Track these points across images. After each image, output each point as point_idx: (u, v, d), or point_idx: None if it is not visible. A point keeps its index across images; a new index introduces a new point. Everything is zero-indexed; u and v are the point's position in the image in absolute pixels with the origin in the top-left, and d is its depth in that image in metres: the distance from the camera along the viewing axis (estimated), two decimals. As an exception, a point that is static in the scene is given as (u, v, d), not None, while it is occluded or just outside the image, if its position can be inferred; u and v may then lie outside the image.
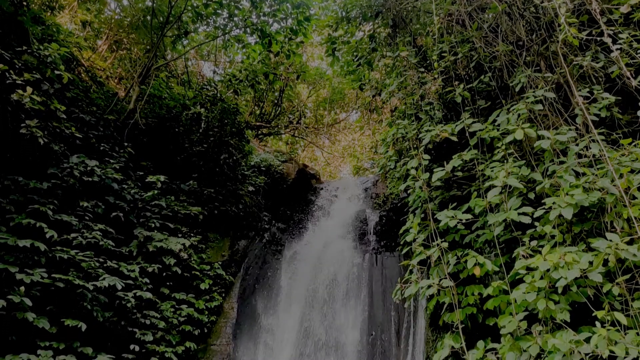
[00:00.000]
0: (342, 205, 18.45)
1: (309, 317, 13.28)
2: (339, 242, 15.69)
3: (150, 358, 10.48)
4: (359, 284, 13.89)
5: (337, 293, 13.79)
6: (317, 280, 14.27)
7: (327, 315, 13.27)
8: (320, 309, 13.39)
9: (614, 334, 5.42)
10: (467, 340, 7.80)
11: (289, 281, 14.62)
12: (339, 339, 12.61)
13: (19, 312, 8.59)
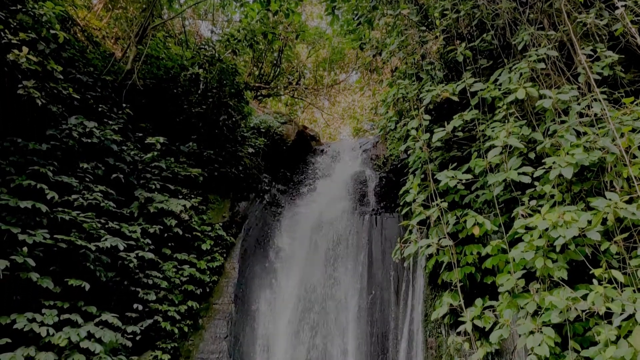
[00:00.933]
0: (341, 167, 18.46)
1: (310, 277, 13.46)
2: (338, 204, 15.76)
3: (154, 316, 10.66)
4: (359, 244, 14.02)
5: (337, 253, 13.94)
6: (317, 241, 14.40)
7: (327, 275, 13.44)
8: (320, 269, 13.55)
9: (611, 291, 5.50)
10: (466, 299, 7.93)
11: (289, 242, 14.76)
12: (339, 298, 12.80)
13: (22, 272, 8.69)
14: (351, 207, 15.62)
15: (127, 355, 10.09)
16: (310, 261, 13.96)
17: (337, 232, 14.53)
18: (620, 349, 5.15)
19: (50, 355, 8.51)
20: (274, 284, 13.56)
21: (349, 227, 14.70)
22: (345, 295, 12.86)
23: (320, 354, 11.83)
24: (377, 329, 11.86)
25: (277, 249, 14.60)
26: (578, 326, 6.49)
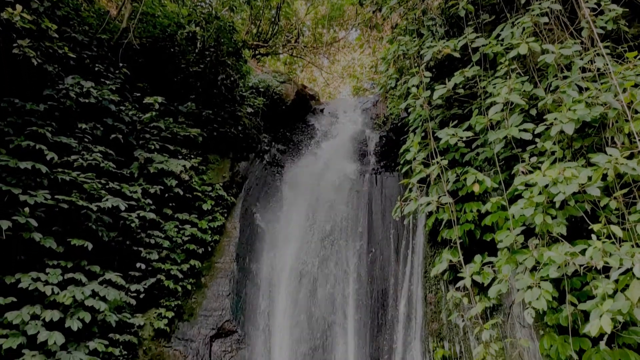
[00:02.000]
0: (341, 126, 18.37)
1: (310, 237, 13.56)
2: (338, 163, 15.75)
3: (157, 275, 10.80)
4: (359, 203, 14.08)
5: (337, 213, 14.01)
6: (317, 201, 14.45)
7: (327, 235, 13.54)
8: (320, 227, 13.64)
9: (609, 246, 5.54)
10: (465, 255, 8.02)
11: (289, 201, 14.81)
12: (339, 255, 12.94)
13: (25, 233, 8.75)
14: (351, 167, 15.62)
15: (131, 313, 10.27)
16: (310, 221, 14.05)
17: (337, 192, 14.57)
18: (617, 302, 5.23)
19: (55, 313, 8.65)
20: (275, 242, 13.67)
21: (348, 186, 14.73)
22: (345, 254, 12.99)
23: (321, 308, 12.03)
24: (377, 286, 12.03)
25: (277, 208, 14.67)
26: (576, 281, 6.58)
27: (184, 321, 11.05)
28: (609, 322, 5.10)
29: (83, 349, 9.02)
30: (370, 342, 11.25)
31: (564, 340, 6.58)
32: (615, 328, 5.68)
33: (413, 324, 10.38)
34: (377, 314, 11.60)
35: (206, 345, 10.81)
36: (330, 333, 11.68)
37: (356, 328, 11.64)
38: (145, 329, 10.43)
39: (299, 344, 11.62)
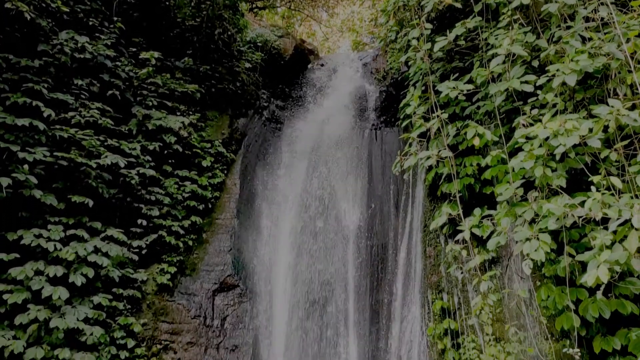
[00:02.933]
0: (341, 82, 18.15)
1: (310, 192, 13.60)
2: (338, 119, 15.64)
3: (158, 231, 10.87)
4: (359, 159, 14.07)
5: (337, 168, 14.01)
6: (317, 157, 14.43)
7: (327, 189, 13.57)
8: (320, 183, 13.67)
9: (609, 198, 5.54)
10: (464, 209, 8.05)
11: (289, 157, 14.79)
12: (339, 210, 13.01)
13: (25, 190, 8.77)
14: (351, 122, 15.52)
15: (134, 268, 10.41)
16: (310, 177, 14.06)
17: (336, 148, 14.53)
18: (615, 253, 5.27)
19: (59, 268, 8.76)
20: (275, 198, 13.73)
21: (348, 142, 14.68)
22: (345, 209, 13.06)
23: (322, 263, 12.18)
24: (376, 240, 12.14)
25: (277, 165, 14.66)
26: (574, 233, 6.63)
27: (186, 276, 11.20)
28: (606, 273, 5.16)
29: (87, 304, 9.18)
30: (370, 295, 11.44)
31: (561, 290, 6.67)
32: (612, 278, 5.77)
33: (412, 276, 10.53)
34: (377, 267, 11.75)
35: (209, 299, 10.99)
36: (330, 286, 11.86)
37: (356, 281, 11.82)
38: (149, 283, 10.58)
39: (300, 297, 11.81)
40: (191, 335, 10.53)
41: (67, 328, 8.52)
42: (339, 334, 11.43)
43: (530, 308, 7.56)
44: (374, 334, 11.02)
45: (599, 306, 6.38)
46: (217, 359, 10.47)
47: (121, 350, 9.61)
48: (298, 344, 11.34)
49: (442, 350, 8.76)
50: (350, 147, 14.45)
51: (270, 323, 11.63)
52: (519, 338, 7.73)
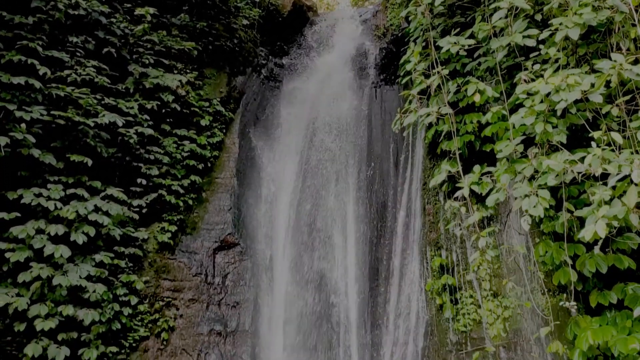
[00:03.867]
0: (340, 39, 17.85)
1: (310, 151, 13.56)
2: (337, 77, 15.47)
3: (158, 191, 10.88)
4: (358, 118, 13.98)
5: (336, 127, 13.93)
6: (316, 115, 14.33)
7: (327, 149, 13.53)
8: (319, 141, 13.61)
9: (609, 153, 5.53)
10: (464, 166, 8.02)
11: (288, 116, 14.68)
12: (339, 169, 13.00)
13: (24, 149, 8.74)
14: (350, 80, 15.35)
15: (134, 227, 10.47)
16: (310, 135, 13.99)
17: (336, 106, 14.41)
18: (614, 208, 5.29)
19: (60, 227, 8.81)
20: (274, 157, 13.70)
21: (348, 100, 14.55)
22: (345, 167, 13.05)
23: (322, 223, 12.25)
24: (376, 199, 12.18)
25: (276, 123, 14.57)
26: (573, 189, 6.64)
27: (187, 234, 11.28)
28: (604, 227, 5.18)
29: (89, 262, 9.27)
30: (370, 252, 11.55)
31: (559, 246, 6.74)
32: (610, 233, 5.80)
33: (411, 234, 10.61)
34: (377, 225, 11.83)
35: (209, 257, 11.10)
36: (330, 243, 11.96)
37: (356, 239, 11.91)
38: (150, 242, 10.67)
39: (300, 255, 11.93)
40: (193, 292, 10.68)
41: (69, 285, 8.62)
42: (338, 291, 11.59)
43: (528, 264, 7.65)
44: (374, 290, 11.17)
45: (596, 261, 6.45)
46: (219, 315, 10.65)
47: (124, 307, 9.77)
48: (298, 302, 11.50)
49: (441, 306, 8.90)
50: (350, 105, 14.33)
51: (271, 280, 11.78)
52: (516, 293, 7.85)
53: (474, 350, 7.92)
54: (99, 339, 9.28)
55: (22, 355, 8.52)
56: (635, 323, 6.30)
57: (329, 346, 11.05)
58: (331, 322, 11.31)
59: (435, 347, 8.77)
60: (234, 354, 10.41)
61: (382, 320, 10.72)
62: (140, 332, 9.95)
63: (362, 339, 10.97)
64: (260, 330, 11.05)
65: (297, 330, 11.18)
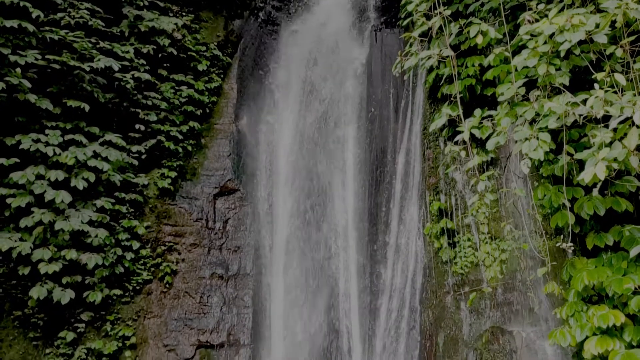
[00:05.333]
0: (339, -20, 17.34)
1: (309, 96, 13.42)
2: (337, 20, 15.10)
3: (157, 137, 10.85)
4: (358, 62, 13.75)
5: (335, 72, 13.73)
6: (315, 59, 14.09)
7: (326, 95, 13.38)
8: (318, 86, 13.45)
9: (611, 95, 5.46)
10: (465, 111, 7.93)
11: (287, 61, 14.44)
12: (338, 115, 12.91)
13: (20, 94, 8.65)
14: (350, 24, 15.01)
15: (134, 173, 10.50)
16: (309, 81, 13.80)
17: (335, 51, 14.15)
18: (614, 150, 5.27)
19: (60, 173, 8.82)
20: (273, 103, 13.57)
21: (347, 44, 14.28)
22: (344, 113, 12.95)
23: (322, 169, 12.26)
24: (376, 145, 12.13)
25: (274, 68, 14.35)
26: (574, 132, 6.61)
27: (187, 180, 11.32)
28: (603, 170, 5.17)
29: (91, 207, 9.34)
30: (369, 198, 11.62)
31: (558, 189, 6.75)
32: (609, 176, 5.80)
33: (411, 179, 10.64)
34: (376, 171, 11.84)
35: (210, 203, 11.18)
36: (330, 189, 12.02)
37: (355, 185, 11.97)
38: (150, 188, 10.71)
39: (300, 200, 12.00)
40: (194, 237, 10.82)
41: (72, 230, 8.72)
42: (338, 236, 11.74)
43: (526, 207, 7.71)
44: (373, 235, 11.30)
45: (594, 204, 6.48)
46: (220, 259, 10.83)
47: (127, 251, 9.92)
48: (298, 244, 11.66)
49: (439, 249, 9.03)
50: (350, 49, 14.07)
51: (272, 225, 11.90)
52: (514, 236, 7.95)
53: (471, 291, 8.09)
54: (103, 282, 9.48)
55: (28, 297, 8.73)
56: (630, 264, 6.39)
57: (329, 290, 11.29)
58: (331, 266, 11.52)
59: (433, 288, 8.96)
60: (235, 296, 10.65)
61: (381, 264, 10.90)
62: (143, 276, 10.14)
63: (361, 283, 11.19)
64: (261, 274, 11.26)
65: (298, 275, 11.39)
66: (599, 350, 6.23)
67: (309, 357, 10.80)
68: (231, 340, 10.34)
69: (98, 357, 9.41)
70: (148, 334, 10.03)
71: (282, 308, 11.21)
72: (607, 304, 6.55)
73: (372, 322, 10.60)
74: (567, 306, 6.81)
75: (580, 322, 6.58)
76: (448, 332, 8.42)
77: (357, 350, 10.61)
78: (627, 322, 6.26)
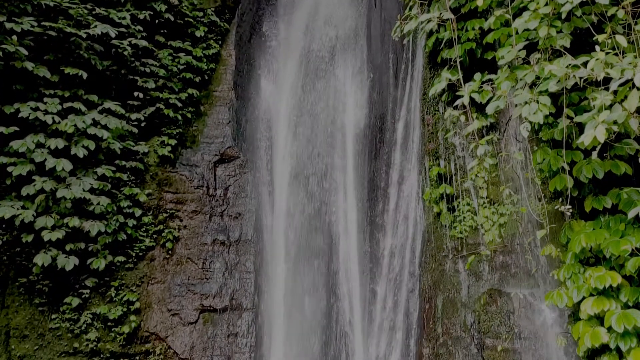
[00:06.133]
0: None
1: (308, 63, 13.31)
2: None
3: (156, 104, 10.80)
4: (357, 28, 13.59)
5: (334, 37, 13.57)
6: (315, 25, 13.93)
7: (325, 60, 13.27)
8: (317, 52, 13.32)
9: (612, 58, 5.44)
10: (464, 75, 7.91)
11: (285, 26, 14.28)
12: (338, 81, 12.84)
13: (17, 62, 8.58)
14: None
15: (134, 141, 10.50)
16: (307, 47, 13.67)
17: (333, 15, 13.97)
18: (614, 113, 5.29)
19: (59, 141, 8.83)
20: (272, 69, 13.48)
21: (346, 10, 14.09)
22: (343, 80, 12.87)
23: (321, 135, 12.25)
24: (375, 111, 12.11)
25: (273, 34, 14.20)
26: (574, 95, 6.61)
27: (187, 148, 11.32)
28: (603, 133, 5.19)
29: (91, 175, 9.37)
30: (369, 164, 11.66)
31: (557, 153, 6.79)
32: (609, 139, 5.83)
33: (410, 145, 10.65)
34: (376, 137, 11.85)
35: (210, 170, 11.21)
36: (330, 155, 12.04)
37: (354, 151, 11.98)
38: (150, 155, 10.72)
39: (300, 166, 12.03)
40: (195, 204, 10.89)
41: (73, 198, 8.77)
42: (338, 201, 11.81)
43: (525, 171, 7.74)
44: (373, 200, 11.39)
45: (593, 167, 6.53)
46: (222, 226, 10.92)
47: (129, 218, 10.00)
48: (298, 212, 11.74)
49: (438, 214, 9.10)
50: (348, 15, 13.89)
51: (272, 192, 11.97)
52: (513, 200, 8.00)
53: (469, 255, 8.19)
54: (106, 249, 9.59)
55: (32, 264, 8.84)
56: (628, 226, 6.47)
57: (330, 255, 11.42)
58: (331, 231, 11.63)
59: (432, 252, 9.06)
60: (237, 262, 10.78)
61: (380, 229, 11.01)
62: (145, 243, 10.25)
63: (361, 248, 11.32)
64: (262, 240, 11.38)
65: (298, 238, 11.51)
66: (595, 311, 6.36)
67: (310, 319, 10.99)
68: (234, 304, 10.52)
69: (104, 322, 9.59)
70: (152, 299, 10.19)
71: (283, 273, 11.36)
72: (604, 265, 6.66)
73: (372, 285, 10.78)
74: (565, 268, 6.92)
75: (577, 284, 6.69)
76: (447, 294, 8.55)
77: (358, 313, 10.81)
78: (624, 283, 6.38)
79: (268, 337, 10.92)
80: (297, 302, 11.19)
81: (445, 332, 8.43)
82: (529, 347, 7.50)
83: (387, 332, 10.03)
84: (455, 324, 8.33)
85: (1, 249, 8.96)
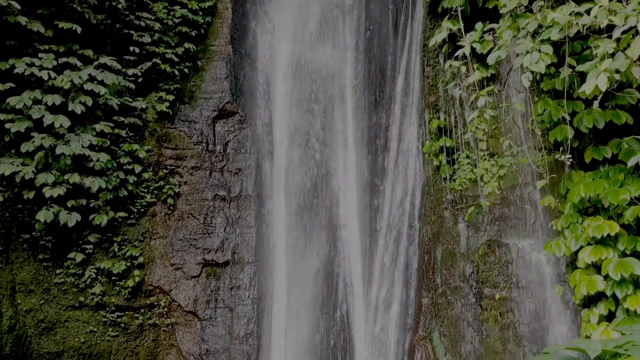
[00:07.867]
0: None
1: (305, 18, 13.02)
2: None
3: (152, 59, 10.65)
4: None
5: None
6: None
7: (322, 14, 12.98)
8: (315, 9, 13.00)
9: (616, 5, 5.34)
10: (465, 25, 7.78)
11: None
12: (337, 35, 12.61)
13: (9, 17, 8.41)
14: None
15: (132, 97, 10.40)
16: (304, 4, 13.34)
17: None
18: (616, 61, 5.22)
19: (56, 97, 8.76)
20: (269, 21, 13.20)
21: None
22: (342, 32, 12.65)
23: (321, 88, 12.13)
24: (375, 64, 11.95)
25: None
26: (576, 44, 6.52)
27: (185, 104, 11.23)
28: (605, 81, 5.15)
29: (90, 131, 9.34)
30: (369, 118, 11.60)
31: (558, 103, 6.75)
32: (611, 88, 5.77)
33: (410, 98, 10.57)
34: (375, 90, 11.74)
35: (209, 126, 11.16)
36: (329, 109, 11.96)
37: (354, 105, 11.90)
38: (149, 111, 10.65)
39: (300, 119, 11.96)
40: (195, 160, 10.88)
41: (73, 154, 8.77)
42: (337, 157, 11.80)
43: (526, 122, 7.71)
44: (372, 154, 11.37)
45: (593, 117, 6.50)
46: (222, 182, 10.95)
47: (129, 174, 10.02)
48: (298, 168, 11.74)
49: (437, 167, 9.12)
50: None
51: (272, 147, 11.93)
52: (513, 152, 8.00)
53: (468, 206, 8.25)
54: (107, 205, 9.64)
55: (35, 221, 8.89)
56: (627, 176, 6.50)
57: (330, 208, 11.50)
58: (331, 186, 11.67)
59: (432, 205, 9.12)
60: (238, 216, 10.86)
61: (380, 182, 11.04)
62: (147, 199, 10.30)
63: (361, 202, 11.38)
64: (262, 195, 11.42)
65: (298, 194, 11.55)
66: (592, 259, 6.45)
67: (311, 270, 11.15)
68: (236, 258, 10.65)
69: (108, 276, 9.75)
70: (155, 254, 10.32)
71: (284, 227, 11.45)
72: (603, 215, 6.72)
73: (372, 238, 10.89)
74: (563, 218, 6.98)
75: (575, 233, 6.77)
76: (446, 246, 8.66)
77: (358, 265, 10.96)
78: (622, 232, 6.45)
79: (270, 289, 11.10)
80: (298, 254, 11.32)
81: (444, 283, 8.58)
82: (527, 296, 7.65)
83: (387, 283, 10.19)
84: (454, 275, 8.47)
85: (3, 206, 9.00)
